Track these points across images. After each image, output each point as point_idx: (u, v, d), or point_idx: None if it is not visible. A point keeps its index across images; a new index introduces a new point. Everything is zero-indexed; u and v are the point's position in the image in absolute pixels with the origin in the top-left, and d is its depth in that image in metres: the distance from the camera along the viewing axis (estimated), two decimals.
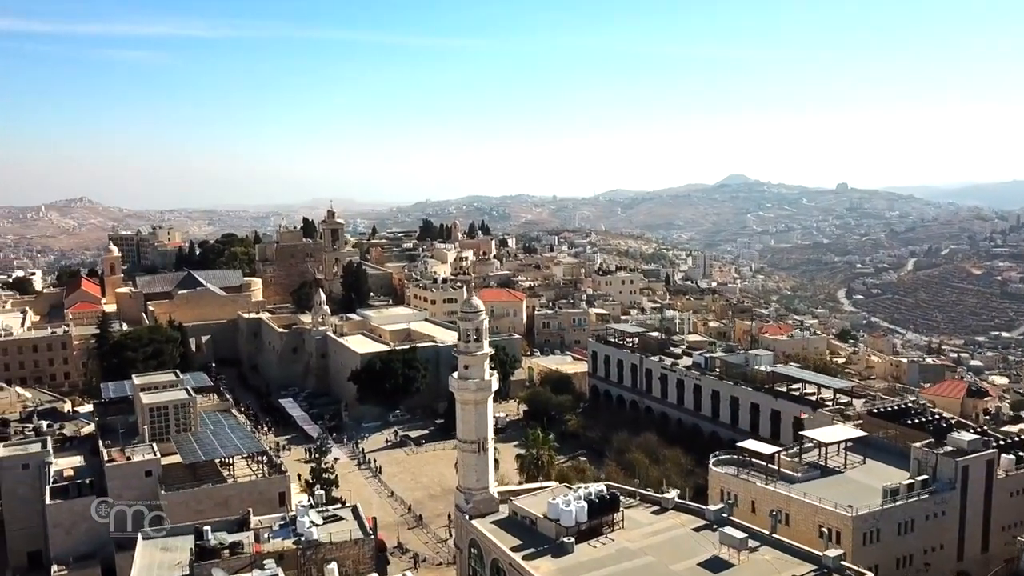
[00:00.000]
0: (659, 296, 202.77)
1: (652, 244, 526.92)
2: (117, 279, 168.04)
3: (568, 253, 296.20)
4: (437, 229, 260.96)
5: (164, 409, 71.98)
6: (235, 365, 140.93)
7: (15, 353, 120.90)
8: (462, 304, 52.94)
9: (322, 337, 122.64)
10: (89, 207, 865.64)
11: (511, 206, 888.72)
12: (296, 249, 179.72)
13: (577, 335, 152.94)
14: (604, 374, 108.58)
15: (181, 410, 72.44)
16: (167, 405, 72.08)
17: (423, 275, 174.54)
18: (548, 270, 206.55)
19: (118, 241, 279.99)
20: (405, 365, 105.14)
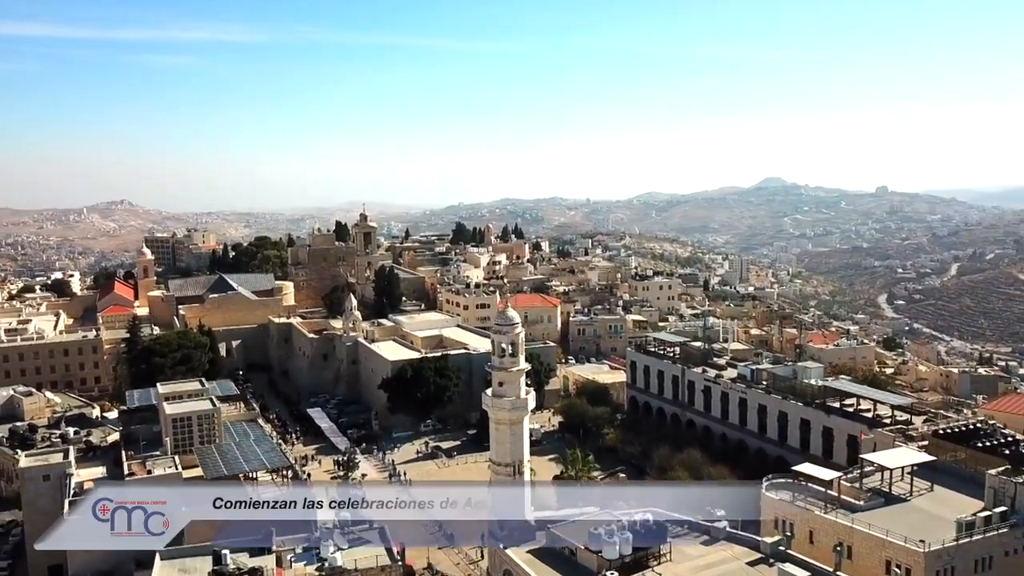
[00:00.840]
0: (697, 302, 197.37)
1: (687, 248, 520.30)
2: (150, 282, 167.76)
3: (602, 257, 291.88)
4: (470, 232, 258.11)
5: (187, 420, 69.56)
6: (265, 370, 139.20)
7: (46, 357, 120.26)
8: (496, 316, 49.46)
9: (353, 343, 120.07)
10: (129, 209, 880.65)
11: (544, 209, 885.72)
12: (328, 253, 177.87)
13: (613, 342, 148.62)
14: (643, 385, 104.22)
15: (205, 421, 69.95)
16: (191, 416, 69.66)
17: (455, 279, 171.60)
18: (583, 274, 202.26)
19: (154, 244, 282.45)
20: (437, 373, 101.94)
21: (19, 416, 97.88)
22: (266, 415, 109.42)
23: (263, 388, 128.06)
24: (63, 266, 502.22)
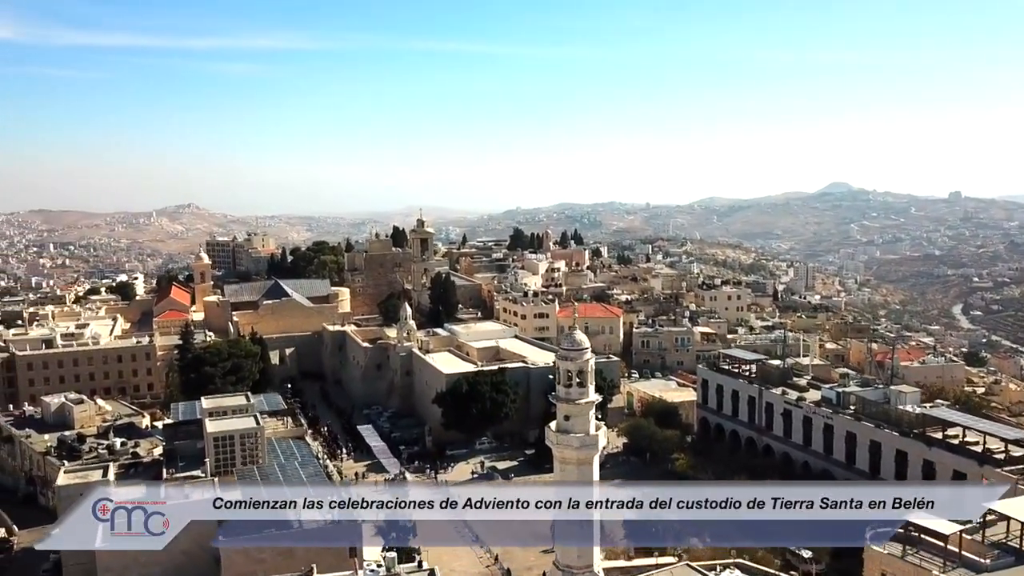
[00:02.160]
0: (767, 313, 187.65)
1: (751, 254, 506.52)
2: (207, 287, 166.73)
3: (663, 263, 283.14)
4: (528, 238, 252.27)
5: (229, 439, 65.42)
6: (319, 379, 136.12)
7: (100, 363, 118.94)
8: (563, 339, 43.49)
9: (407, 354, 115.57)
10: (196, 213, 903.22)
11: (602, 214, 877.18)
12: (385, 258, 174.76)
13: (680, 356, 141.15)
14: (716, 405, 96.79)
15: (247, 440, 65.71)
16: (233, 435, 65.48)
17: (513, 287, 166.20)
18: (645, 282, 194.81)
19: (214, 247, 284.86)
20: (493, 388, 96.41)
21: (69, 424, 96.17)
22: (316, 428, 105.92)
23: (315, 398, 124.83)
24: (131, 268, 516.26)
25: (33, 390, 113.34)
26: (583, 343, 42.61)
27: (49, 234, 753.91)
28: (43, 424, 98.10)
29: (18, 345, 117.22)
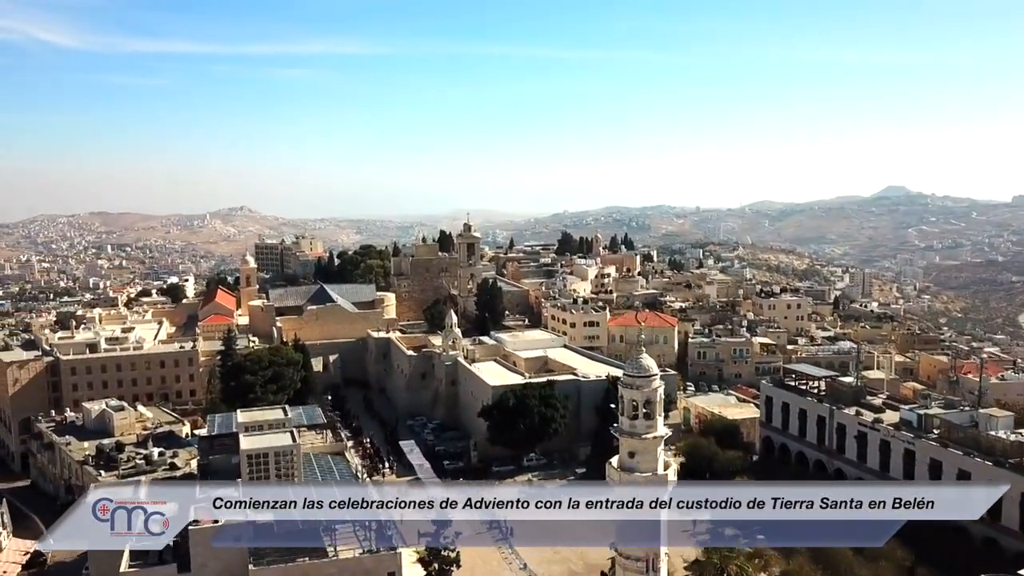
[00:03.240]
0: (828, 322, 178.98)
1: (804, 259, 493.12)
2: (252, 291, 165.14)
3: (715, 268, 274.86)
4: (576, 242, 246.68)
5: (264, 456, 61.77)
6: (363, 387, 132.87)
7: (143, 368, 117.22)
8: (628, 364, 38.35)
9: (452, 363, 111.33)
10: (249, 215, 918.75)
11: (651, 217, 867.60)
12: (431, 263, 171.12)
13: (738, 368, 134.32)
14: (781, 424, 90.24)
15: (283, 458, 61.97)
16: (267, 452, 61.81)
17: (561, 293, 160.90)
18: (700, 289, 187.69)
19: (263, 250, 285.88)
20: (542, 402, 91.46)
21: (109, 431, 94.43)
22: (359, 440, 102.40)
23: (359, 407, 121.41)
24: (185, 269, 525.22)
25: (76, 395, 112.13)
26: (651, 368, 37.39)
27: (107, 236, 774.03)
28: (84, 431, 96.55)
29: (63, 349, 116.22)
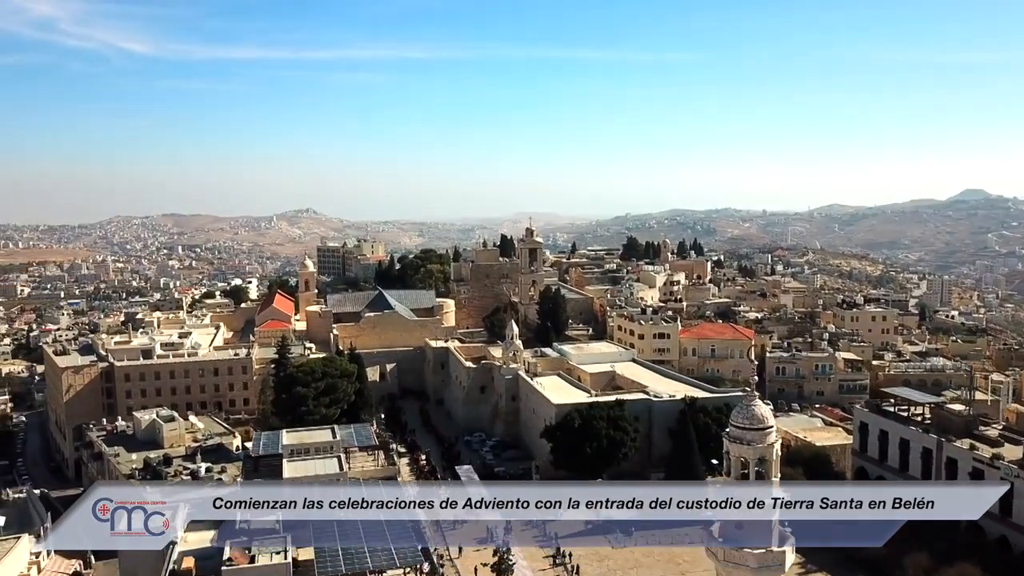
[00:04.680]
0: (916, 336, 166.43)
1: (878, 266, 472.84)
2: (311, 295, 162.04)
3: (786, 274, 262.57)
4: (642, 247, 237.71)
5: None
6: (420, 398, 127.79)
7: (197, 375, 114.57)
8: (736, 413, 31.18)
9: (513, 377, 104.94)
10: (314, 218, 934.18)
11: (716, 220, 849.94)
12: (492, 269, 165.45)
13: (820, 385, 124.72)
14: (878, 455, 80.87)
15: None
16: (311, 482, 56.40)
17: (628, 302, 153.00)
18: (775, 298, 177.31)
19: (325, 253, 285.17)
20: (611, 424, 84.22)
21: (159, 442, 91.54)
22: (415, 456, 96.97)
23: (415, 419, 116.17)
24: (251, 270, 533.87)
25: (130, 402, 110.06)
26: (765, 418, 30.27)
27: (179, 237, 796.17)
28: (134, 441, 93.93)
29: (117, 355, 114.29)
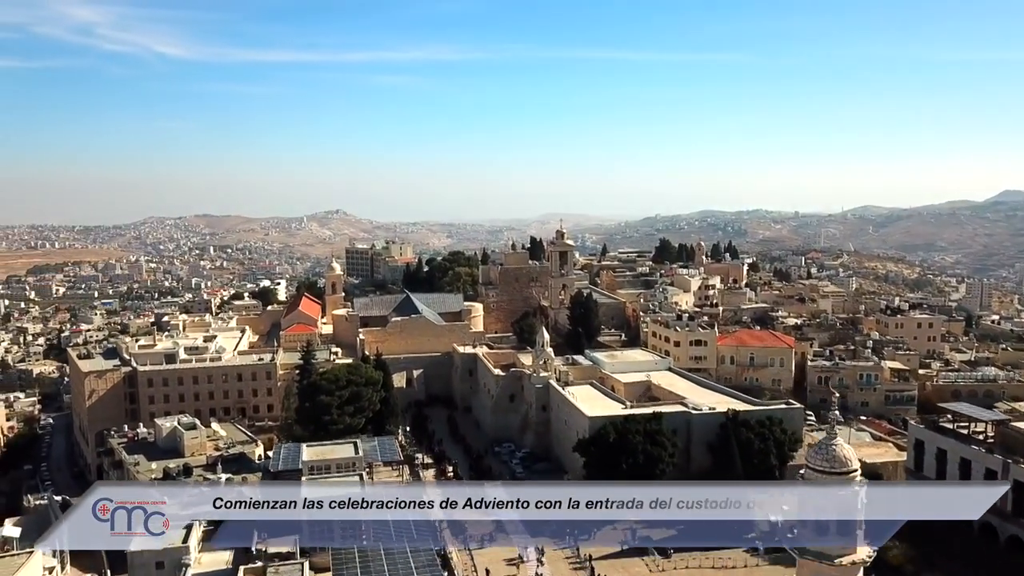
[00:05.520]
0: (964, 343, 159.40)
1: (915, 268, 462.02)
2: (338, 299, 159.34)
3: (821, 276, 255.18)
4: (675, 250, 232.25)
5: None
6: (447, 405, 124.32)
7: (220, 381, 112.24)
8: (815, 453, 27.08)
9: (544, 386, 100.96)
10: (344, 219, 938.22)
11: (747, 222, 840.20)
12: (521, 272, 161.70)
13: (865, 396, 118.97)
14: (935, 475, 75.66)
15: None
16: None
17: (662, 307, 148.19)
18: (814, 304, 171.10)
19: (354, 255, 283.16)
20: (647, 438, 79.97)
21: (180, 451, 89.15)
22: (441, 467, 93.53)
23: (442, 428, 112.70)
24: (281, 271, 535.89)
25: (153, 408, 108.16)
26: (849, 460, 26.07)
27: (211, 237, 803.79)
28: (155, 449, 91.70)
29: (140, 359, 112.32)
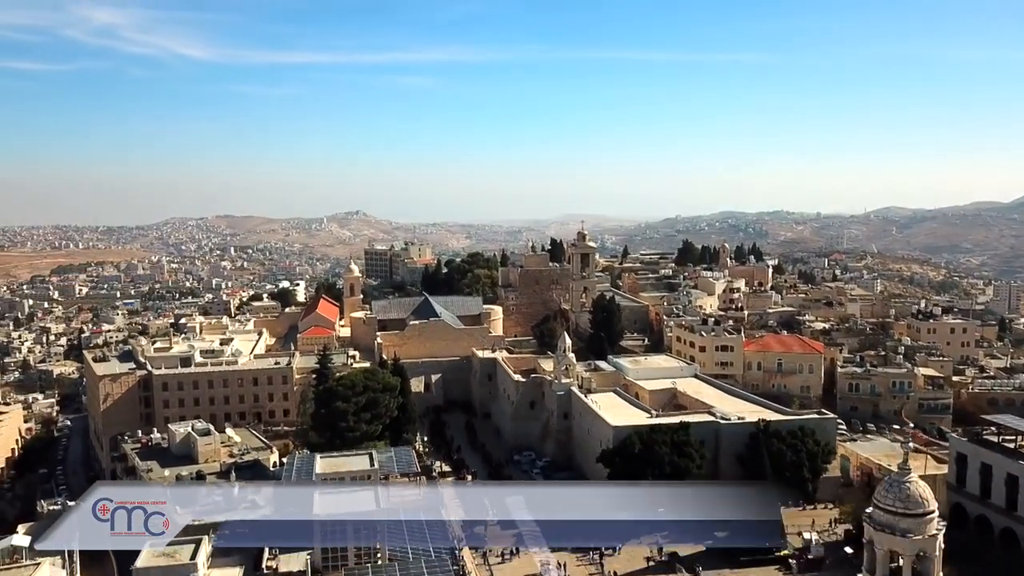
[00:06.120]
0: (999, 349, 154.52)
1: (940, 270, 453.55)
2: (356, 301, 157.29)
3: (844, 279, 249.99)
4: (698, 251, 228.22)
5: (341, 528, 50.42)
6: (466, 410, 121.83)
7: (236, 385, 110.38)
8: (884, 492, 24.14)
9: (565, 393, 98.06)
10: (363, 219, 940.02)
11: (768, 223, 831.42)
12: (541, 275, 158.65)
13: (898, 404, 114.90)
14: (979, 491, 71.84)
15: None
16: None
17: (686, 310, 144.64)
18: (842, 307, 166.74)
19: (373, 256, 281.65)
20: (674, 450, 76.90)
21: (194, 457, 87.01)
22: (460, 476, 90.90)
23: (460, 434, 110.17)
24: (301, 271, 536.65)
25: (168, 412, 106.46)
26: (926, 501, 23.12)
27: (232, 238, 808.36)
28: (168, 455, 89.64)
29: (156, 363, 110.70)
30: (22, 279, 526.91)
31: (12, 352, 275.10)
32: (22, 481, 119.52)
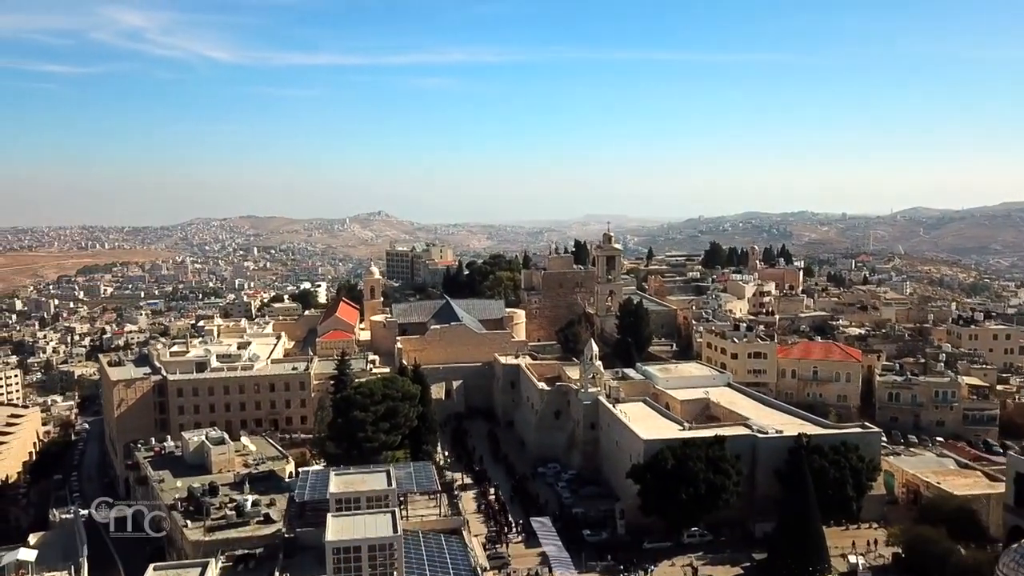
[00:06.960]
0: None
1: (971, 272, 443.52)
2: (376, 304, 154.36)
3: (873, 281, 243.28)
4: (725, 253, 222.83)
5: (356, 551, 46.86)
6: (488, 418, 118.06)
7: (252, 391, 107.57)
8: (1012, 558, 19.97)
9: (592, 403, 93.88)
10: (386, 220, 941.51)
11: (793, 224, 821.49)
12: (565, 278, 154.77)
13: (940, 415, 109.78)
14: None
15: (380, 555, 46.86)
16: (360, 545, 46.87)
17: (716, 315, 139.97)
18: (876, 312, 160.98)
19: (394, 257, 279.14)
20: (710, 466, 72.52)
21: (207, 467, 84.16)
22: (483, 488, 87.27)
23: (482, 444, 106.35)
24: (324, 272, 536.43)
25: (183, 418, 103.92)
26: None
27: (255, 238, 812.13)
28: (181, 464, 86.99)
29: (171, 368, 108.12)
30: (49, 279, 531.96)
31: (36, 352, 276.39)
32: (37, 487, 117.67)
